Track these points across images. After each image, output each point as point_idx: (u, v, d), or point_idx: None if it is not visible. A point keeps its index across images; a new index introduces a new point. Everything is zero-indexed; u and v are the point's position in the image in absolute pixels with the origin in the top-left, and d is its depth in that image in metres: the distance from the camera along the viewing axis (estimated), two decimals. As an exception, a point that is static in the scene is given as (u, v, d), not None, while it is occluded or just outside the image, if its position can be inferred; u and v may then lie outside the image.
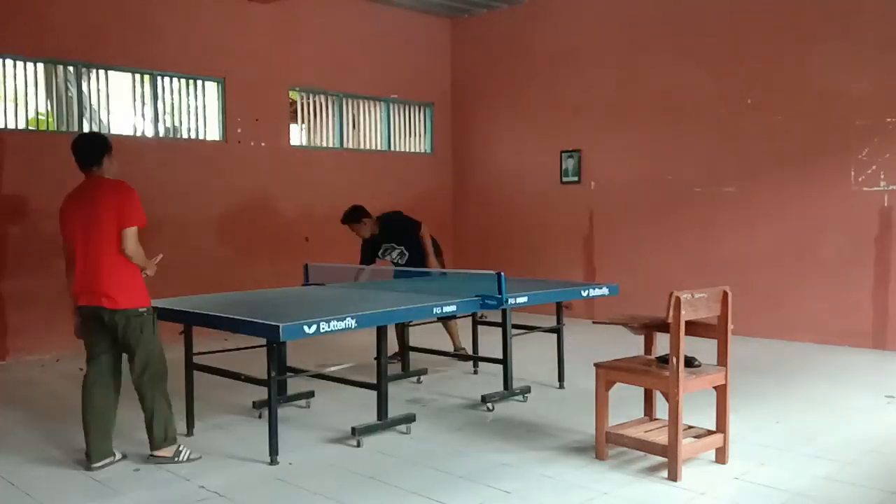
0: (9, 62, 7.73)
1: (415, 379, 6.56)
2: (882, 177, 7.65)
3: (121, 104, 8.58)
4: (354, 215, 7.02)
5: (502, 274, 5.18)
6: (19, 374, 7.02)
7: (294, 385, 5.86)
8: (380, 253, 7.10)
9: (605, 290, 6.08)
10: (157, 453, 4.47)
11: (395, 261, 7.07)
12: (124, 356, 4.52)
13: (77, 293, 4.48)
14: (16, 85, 7.80)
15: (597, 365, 4.51)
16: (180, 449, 4.51)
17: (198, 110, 9.07)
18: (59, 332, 7.81)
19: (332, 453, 4.66)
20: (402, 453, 4.63)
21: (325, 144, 10.31)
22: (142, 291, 4.44)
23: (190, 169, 8.84)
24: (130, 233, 4.34)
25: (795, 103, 8.15)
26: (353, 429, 4.78)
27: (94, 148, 4.54)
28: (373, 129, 10.85)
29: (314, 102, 10.22)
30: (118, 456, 4.50)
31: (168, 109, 8.91)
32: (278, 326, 4.02)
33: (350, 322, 4.29)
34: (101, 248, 4.35)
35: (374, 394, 4.95)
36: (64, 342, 7.80)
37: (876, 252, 7.69)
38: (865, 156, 7.73)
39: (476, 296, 5.16)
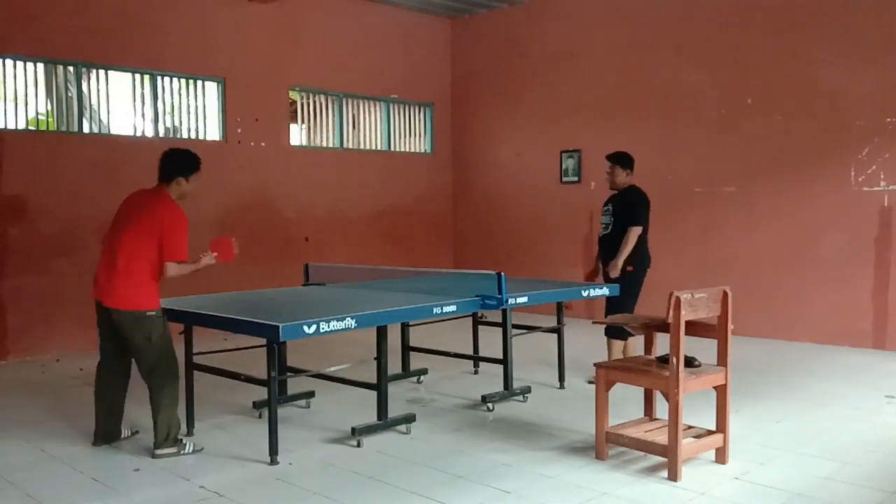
0: (9, 62, 7.73)
1: (415, 379, 6.57)
2: (882, 177, 7.65)
3: (121, 104, 8.58)
4: (627, 159, 6.61)
5: (502, 274, 5.18)
6: (19, 374, 7.01)
7: (294, 385, 5.86)
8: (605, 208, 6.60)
9: (605, 290, 6.07)
10: (158, 452, 4.54)
11: (603, 225, 6.56)
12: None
13: (94, 284, 4.66)
14: (16, 85, 7.80)
15: (597, 365, 4.51)
16: (184, 442, 4.62)
17: (198, 110, 9.07)
18: (59, 332, 7.84)
19: (332, 453, 4.66)
20: (402, 453, 4.63)
21: (325, 144, 10.31)
22: (152, 294, 4.54)
23: (190, 169, 8.81)
24: (171, 267, 4.55)
25: (795, 103, 8.15)
26: (353, 429, 4.78)
27: (175, 167, 4.76)
28: (373, 129, 10.85)
29: (314, 102, 10.22)
30: (126, 433, 4.83)
31: (168, 109, 8.91)
32: (278, 326, 4.02)
33: (350, 322, 4.29)
34: (126, 252, 4.48)
35: (374, 394, 4.95)
36: (64, 342, 7.83)
37: (876, 252, 7.69)
38: (865, 156, 7.73)
39: (476, 296, 5.16)
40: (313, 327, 4.12)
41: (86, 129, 8.31)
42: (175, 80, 8.86)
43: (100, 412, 4.77)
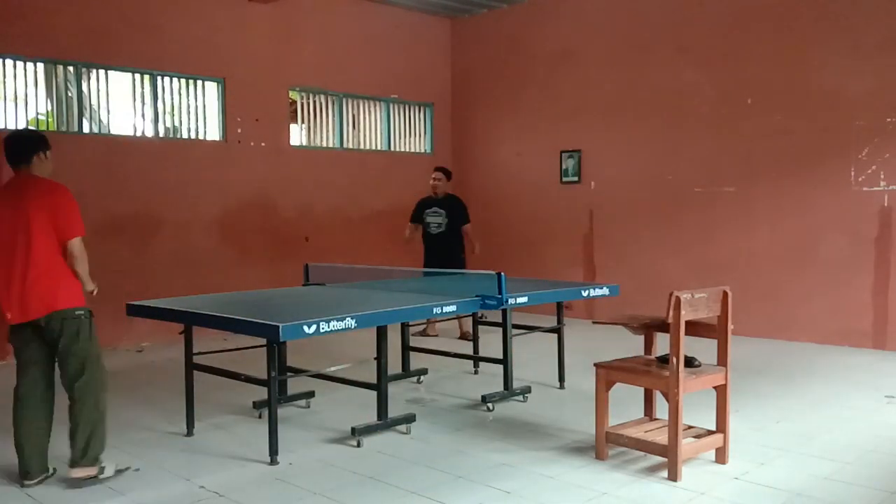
0: (9, 62, 7.73)
1: (415, 379, 6.57)
2: (882, 177, 7.65)
3: (121, 104, 8.58)
4: (448, 171, 8.50)
5: (502, 274, 5.18)
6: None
7: (294, 385, 5.86)
8: (424, 214, 8.31)
9: (605, 290, 6.07)
10: (74, 474, 4.08)
11: (432, 224, 8.21)
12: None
13: (5, 308, 4.08)
14: (16, 85, 7.80)
15: (597, 365, 4.51)
16: (102, 465, 4.15)
17: (198, 110, 9.07)
18: None
19: (332, 453, 4.66)
20: (402, 453, 4.63)
21: (325, 144, 10.31)
22: (76, 291, 4.13)
23: (190, 169, 8.83)
24: (75, 244, 4.07)
25: (795, 103, 8.15)
26: (353, 429, 4.78)
27: (29, 144, 4.20)
28: (373, 129, 10.85)
29: (314, 102, 10.22)
30: (51, 471, 4.24)
31: (168, 109, 8.91)
32: (278, 326, 4.02)
33: (350, 322, 4.28)
34: (32, 251, 4.01)
35: (374, 394, 4.95)
36: None
37: (876, 252, 7.69)
38: (865, 156, 7.73)
39: (476, 296, 5.15)
40: (313, 327, 4.11)
41: (86, 129, 8.31)
42: (175, 80, 8.86)
43: (25, 445, 4.16)
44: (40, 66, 7.93)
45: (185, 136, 9.00)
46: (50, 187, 4.13)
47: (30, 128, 4.34)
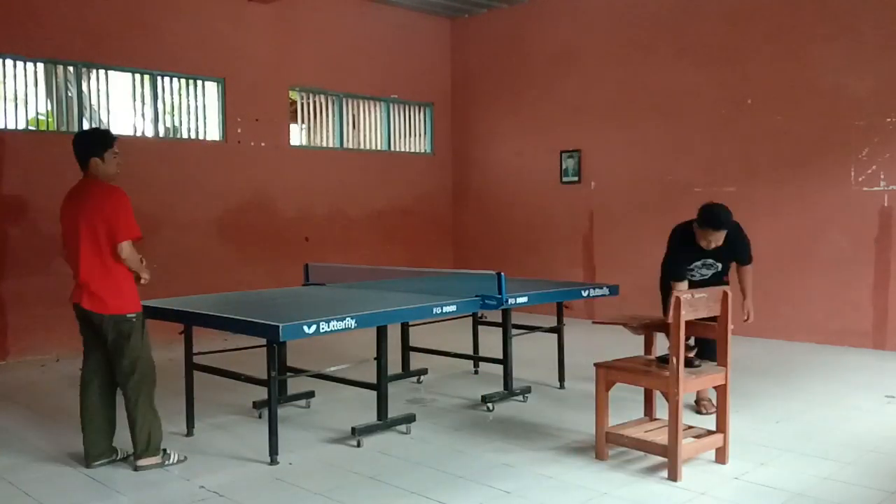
0: (9, 62, 7.73)
1: (415, 379, 6.57)
2: (882, 177, 7.65)
3: (121, 104, 8.58)
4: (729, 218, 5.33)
5: (502, 274, 5.18)
6: (19, 374, 7.01)
7: (294, 385, 5.86)
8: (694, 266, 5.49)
9: (605, 290, 6.08)
10: (140, 463, 4.34)
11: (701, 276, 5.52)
12: None
13: (72, 291, 4.41)
14: (16, 85, 7.80)
15: (597, 365, 4.51)
16: (168, 453, 4.43)
17: (198, 110, 9.07)
18: (59, 332, 7.82)
19: (332, 453, 4.66)
20: (402, 453, 4.63)
21: (325, 144, 10.31)
22: (132, 296, 4.33)
23: (190, 169, 8.83)
24: (126, 246, 4.20)
25: (795, 103, 8.15)
26: (353, 429, 4.78)
27: (82, 149, 4.40)
28: (373, 129, 10.85)
29: (314, 102, 10.22)
30: (120, 455, 4.48)
31: (168, 109, 8.91)
32: (278, 326, 4.02)
33: (350, 322, 4.29)
34: (91, 253, 4.23)
35: (374, 394, 4.95)
36: (64, 342, 7.82)
37: (876, 252, 7.69)
38: (865, 156, 7.73)
39: (476, 296, 5.16)
40: (313, 327, 4.12)
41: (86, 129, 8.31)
42: (175, 80, 8.86)
43: (87, 428, 4.42)
44: (40, 66, 7.93)
45: (185, 136, 9.00)
46: (102, 191, 4.27)
47: (95, 127, 4.46)
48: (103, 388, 4.45)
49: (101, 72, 8.31)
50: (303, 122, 10.20)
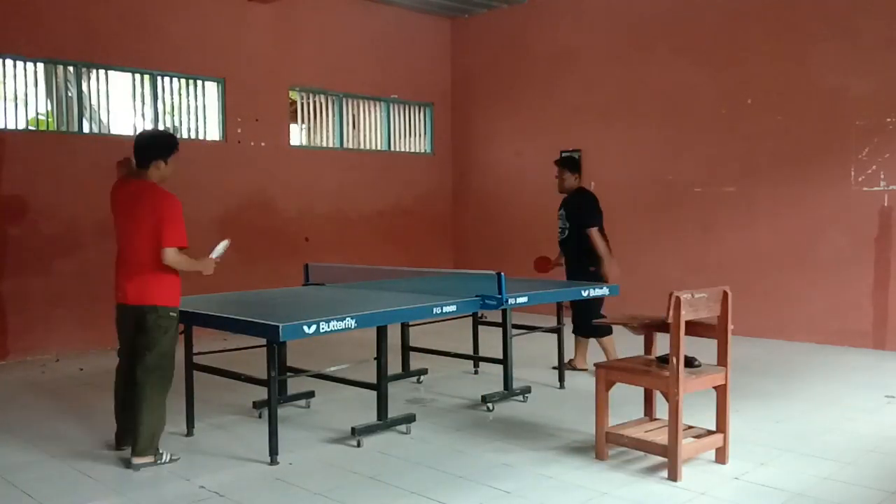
0: (9, 62, 7.73)
1: (415, 379, 6.57)
2: (882, 177, 7.65)
3: (121, 104, 8.58)
4: (575, 163, 7.05)
5: (502, 274, 5.18)
6: (19, 374, 7.01)
7: (294, 385, 5.86)
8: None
9: (605, 290, 6.08)
10: (136, 461, 4.34)
11: (559, 230, 6.85)
12: None
13: (116, 288, 4.53)
14: (16, 85, 7.80)
15: (597, 365, 4.51)
16: (160, 452, 4.43)
17: (198, 110, 9.07)
18: (59, 332, 7.84)
19: (332, 453, 4.66)
20: (402, 453, 4.63)
21: (325, 144, 10.31)
22: (173, 292, 4.47)
23: (190, 169, 8.81)
24: (168, 253, 4.35)
25: (795, 103, 8.15)
26: (353, 429, 4.78)
27: (149, 149, 4.51)
28: (373, 129, 10.85)
29: (314, 102, 10.22)
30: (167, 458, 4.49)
31: (168, 109, 8.91)
32: (278, 326, 4.02)
33: (350, 322, 4.29)
34: (136, 250, 4.40)
35: (374, 394, 4.95)
36: (64, 342, 7.84)
37: (876, 252, 7.69)
38: (865, 156, 7.73)
39: (476, 296, 5.16)
40: (313, 327, 4.12)
41: (86, 129, 8.31)
42: (175, 80, 8.86)
43: (120, 417, 4.62)
44: (40, 66, 7.93)
45: (185, 136, 8.99)
46: (158, 195, 4.40)
47: (160, 129, 4.61)
48: (133, 382, 4.48)
49: (101, 72, 8.31)
50: (303, 122, 10.20)
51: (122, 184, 4.61)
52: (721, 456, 4.35)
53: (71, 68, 8.11)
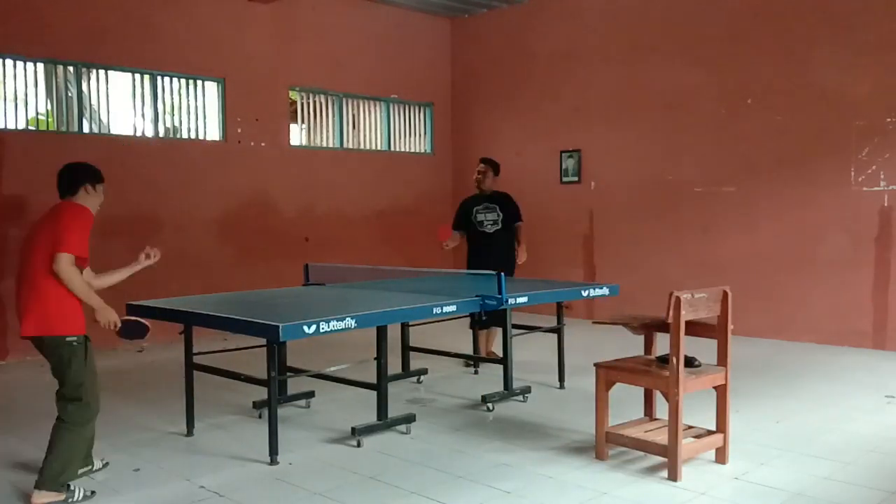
0: (9, 62, 7.73)
1: (415, 379, 6.57)
2: (882, 177, 7.65)
3: (121, 104, 8.58)
4: (497, 166, 7.40)
5: (502, 274, 5.18)
6: (19, 375, 7.01)
7: (294, 385, 5.86)
8: (475, 211, 7.28)
9: (605, 290, 6.07)
10: (36, 496, 3.82)
11: (487, 223, 7.27)
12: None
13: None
14: (16, 85, 7.80)
15: (597, 365, 4.51)
16: (73, 489, 3.92)
17: (198, 110, 9.07)
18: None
19: (332, 453, 4.66)
20: (402, 453, 4.63)
21: (325, 144, 10.31)
22: (73, 317, 3.90)
23: (190, 169, 8.84)
24: (61, 258, 3.78)
25: (795, 103, 8.15)
26: (353, 429, 4.78)
27: (76, 176, 4.10)
28: (373, 129, 10.85)
29: (314, 102, 10.22)
30: (99, 465, 4.33)
31: (168, 109, 8.91)
32: (278, 326, 4.02)
33: (350, 322, 4.29)
34: (31, 265, 3.90)
35: (374, 394, 4.95)
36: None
37: (876, 252, 7.69)
38: (865, 156, 7.73)
39: (476, 296, 5.16)
40: (313, 327, 4.12)
41: (86, 129, 8.31)
42: (175, 80, 8.86)
43: None
44: (40, 66, 7.93)
45: (185, 136, 9.00)
46: (65, 205, 3.98)
47: (80, 162, 4.16)
48: None
49: (101, 72, 8.32)
50: (303, 122, 10.20)
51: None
52: (721, 456, 4.35)
53: (71, 68, 8.11)
